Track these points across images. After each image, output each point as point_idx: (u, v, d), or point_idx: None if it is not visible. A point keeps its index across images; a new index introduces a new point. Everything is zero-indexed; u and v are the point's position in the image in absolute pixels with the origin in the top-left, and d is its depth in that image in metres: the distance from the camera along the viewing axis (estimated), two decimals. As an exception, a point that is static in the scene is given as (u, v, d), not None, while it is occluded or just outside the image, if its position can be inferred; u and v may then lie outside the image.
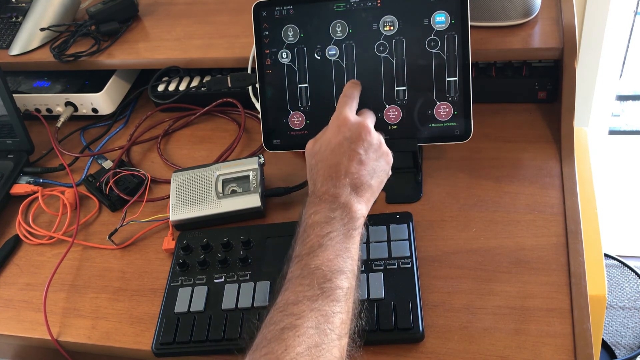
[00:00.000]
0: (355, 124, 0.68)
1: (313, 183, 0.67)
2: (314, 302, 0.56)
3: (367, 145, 0.67)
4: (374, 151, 0.68)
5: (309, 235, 0.62)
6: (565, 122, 0.82)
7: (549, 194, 0.78)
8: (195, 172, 0.87)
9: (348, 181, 0.65)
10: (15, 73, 1.13)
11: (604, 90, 1.51)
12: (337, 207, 0.63)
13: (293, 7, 0.79)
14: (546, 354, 0.63)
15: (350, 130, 0.67)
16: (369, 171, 0.66)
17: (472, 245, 0.75)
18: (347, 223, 0.62)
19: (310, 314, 0.55)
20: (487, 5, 0.85)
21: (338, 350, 0.55)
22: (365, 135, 0.67)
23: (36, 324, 0.78)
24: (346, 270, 0.59)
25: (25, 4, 1.20)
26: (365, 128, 0.68)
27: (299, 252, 0.61)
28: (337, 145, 0.67)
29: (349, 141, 0.67)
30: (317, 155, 0.69)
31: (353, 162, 0.66)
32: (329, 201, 0.64)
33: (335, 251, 0.60)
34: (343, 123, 0.68)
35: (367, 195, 0.66)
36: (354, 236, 0.62)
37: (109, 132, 1.07)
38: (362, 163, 0.66)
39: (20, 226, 0.91)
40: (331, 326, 0.55)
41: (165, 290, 0.76)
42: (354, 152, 0.66)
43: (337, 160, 0.66)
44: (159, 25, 1.11)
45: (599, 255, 0.92)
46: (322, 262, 0.59)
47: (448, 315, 0.68)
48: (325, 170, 0.66)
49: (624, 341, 1.59)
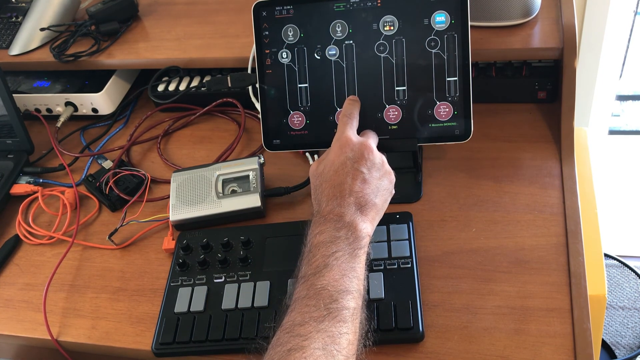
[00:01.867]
0: (358, 143, 0.69)
1: (318, 203, 0.68)
2: (320, 323, 0.55)
3: (370, 165, 0.68)
4: (377, 170, 0.68)
5: (315, 255, 0.61)
6: (565, 122, 0.82)
7: (549, 193, 0.78)
8: (195, 172, 0.87)
9: (353, 200, 0.65)
10: (15, 73, 1.13)
11: (604, 90, 1.51)
12: (342, 226, 0.63)
13: (293, 7, 0.79)
14: (546, 354, 0.63)
15: (352, 150, 0.68)
16: (372, 190, 0.67)
17: (472, 245, 0.75)
18: (352, 242, 0.62)
19: (317, 335, 0.54)
20: (487, 5, 0.85)
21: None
22: (367, 155, 0.68)
23: (36, 324, 0.78)
24: (352, 290, 0.59)
25: (25, 4, 1.20)
26: (368, 147, 0.69)
27: (304, 273, 0.61)
28: (340, 165, 0.67)
29: (352, 161, 0.67)
30: (321, 176, 0.69)
31: (357, 181, 0.66)
32: (334, 220, 0.64)
33: (341, 271, 0.60)
34: (345, 143, 0.69)
35: (371, 214, 0.66)
36: (359, 255, 0.62)
37: (109, 132, 1.07)
38: (366, 182, 0.66)
39: (20, 226, 0.91)
40: (338, 347, 0.55)
41: (165, 290, 0.76)
42: (358, 172, 0.67)
43: (341, 179, 0.66)
44: (159, 25, 1.11)
45: (599, 255, 0.92)
46: (328, 282, 0.59)
47: (448, 315, 0.68)
48: (329, 190, 0.67)
49: (624, 341, 1.59)
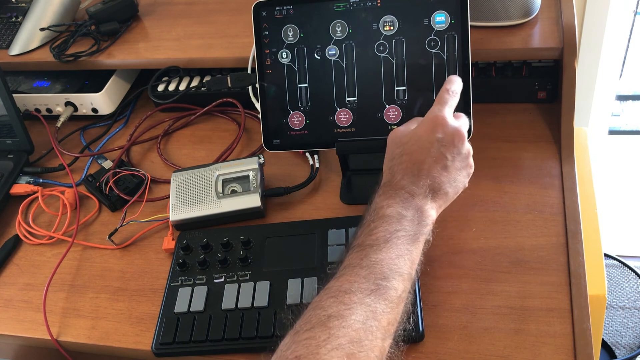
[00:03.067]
0: (452, 128, 0.66)
1: (392, 173, 0.66)
2: (366, 296, 0.55)
3: (457, 153, 0.66)
4: (460, 160, 0.66)
5: (377, 227, 0.60)
6: (565, 122, 0.82)
7: (549, 193, 0.78)
8: (195, 172, 0.87)
9: (428, 182, 0.64)
10: (15, 73, 1.13)
11: (604, 90, 1.51)
12: (410, 206, 0.62)
13: (293, 7, 0.79)
14: (546, 354, 0.63)
15: (444, 133, 0.65)
16: (450, 179, 0.65)
17: (472, 245, 0.75)
18: (416, 225, 0.61)
19: (360, 307, 0.54)
20: (487, 5, 0.85)
21: (379, 350, 0.53)
22: (457, 143, 0.66)
23: (36, 324, 0.78)
24: (404, 272, 0.58)
25: (25, 4, 1.20)
26: (460, 136, 0.66)
27: (362, 241, 0.60)
28: (427, 143, 0.65)
29: (440, 143, 0.65)
30: (404, 146, 0.66)
31: (438, 166, 0.64)
32: (404, 197, 0.62)
33: (399, 251, 0.59)
34: (440, 123, 0.66)
35: (441, 202, 0.65)
36: (420, 240, 0.61)
37: (109, 132, 1.07)
38: (447, 169, 0.65)
39: (20, 226, 0.91)
40: (378, 324, 0.54)
41: (165, 290, 0.76)
42: (442, 156, 0.65)
43: (423, 158, 0.64)
44: (159, 25, 1.11)
45: (599, 255, 0.92)
46: (383, 258, 0.58)
47: (448, 315, 0.68)
48: (408, 164, 0.65)
49: (624, 341, 1.59)
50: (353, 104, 0.81)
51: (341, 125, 0.81)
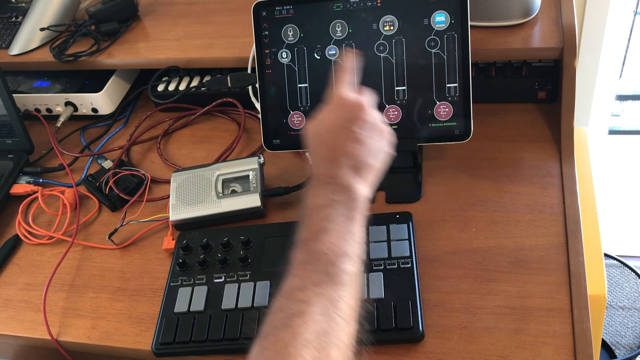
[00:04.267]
0: (351, 102, 0.65)
1: (315, 167, 0.65)
2: (320, 288, 0.55)
3: (365, 124, 0.64)
4: (372, 130, 0.65)
5: (312, 219, 0.61)
6: (565, 122, 0.82)
7: (549, 193, 0.78)
8: (195, 172, 0.87)
9: (348, 162, 0.63)
10: (15, 73, 1.13)
11: (603, 90, 1.50)
12: (338, 189, 0.62)
13: (293, 7, 0.79)
14: (546, 354, 0.63)
15: (347, 110, 0.65)
16: (368, 151, 0.64)
17: (472, 245, 0.75)
18: (349, 205, 0.61)
19: (317, 300, 0.54)
20: (487, 5, 0.85)
21: (346, 335, 0.54)
22: (362, 114, 0.65)
23: (36, 324, 0.78)
24: (350, 253, 0.58)
25: (25, 4, 1.20)
26: (362, 106, 0.65)
27: (303, 237, 0.60)
28: (334, 126, 0.65)
29: (346, 120, 0.64)
30: (318, 136, 0.66)
31: (350, 142, 0.63)
32: (330, 183, 0.62)
33: (339, 234, 0.59)
34: (339, 102, 0.66)
35: (368, 175, 0.65)
36: (357, 218, 0.61)
37: (109, 132, 1.07)
38: (360, 142, 0.64)
39: (20, 226, 0.91)
40: (339, 312, 0.54)
41: (165, 290, 0.76)
42: (351, 132, 0.64)
43: (335, 140, 0.64)
44: (159, 25, 1.11)
45: (599, 255, 0.92)
46: (326, 246, 0.58)
47: (448, 315, 0.68)
48: (324, 153, 0.64)
49: (624, 341, 1.59)
50: (353, 104, 0.80)
51: (341, 125, 0.81)
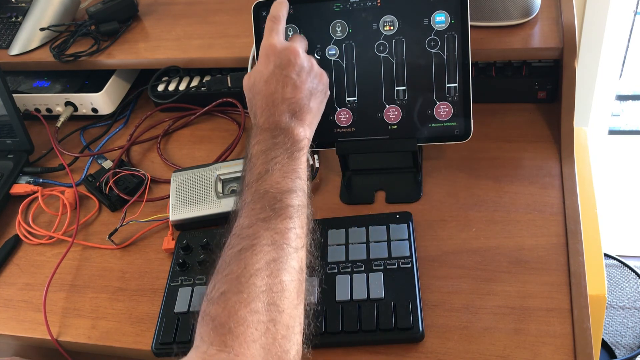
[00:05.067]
0: (283, 49, 0.68)
1: (254, 116, 0.68)
2: (267, 223, 0.58)
3: (299, 69, 0.67)
4: (306, 74, 0.68)
5: (255, 164, 0.63)
6: (565, 122, 0.82)
7: (549, 193, 0.78)
8: (195, 172, 0.87)
9: (286, 107, 0.66)
10: (15, 73, 1.13)
11: (603, 90, 1.51)
12: (278, 133, 0.65)
13: (293, 7, 0.79)
14: (546, 354, 0.63)
15: (279, 57, 0.68)
16: (305, 94, 0.67)
17: (472, 245, 0.75)
18: (290, 146, 0.64)
19: (265, 233, 0.57)
20: (487, 5, 0.85)
21: (296, 261, 0.57)
22: (295, 59, 0.67)
23: (36, 324, 0.78)
24: (295, 189, 0.61)
25: (25, 4, 1.20)
26: (294, 52, 0.68)
27: (247, 181, 0.63)
28: (269, 75, 0.67)
29: (280, 68, 0.67)
30: (253, 88, 0.69)
31: (287, 88, 0.66)
32: (270, 129, 0.65)
33: (282, 174, 0.62)
34: (271, 51, 0.68)
35: (307, 117, 0.68)
36: (299, 157, 0.64)
37: (109, 132, 1.07)
38: (297, 87, 0.67)
39: (20, 226, 0.91)
40: (287, 241, 0.57)
41: (165, 290, 0.76)
42: (287, 78, 0.67)
43: (272, 89, 0.67)
44: (159, 25, 1.11)
45: (599, 255, 0.92)
46: (270, 185, 0.61)
47: (448, 315, 0.68)
48: (262, 101, 0.67)
49: (624, 341, 1.60)
50: (353, 103, 0.81)
51: (341, 125, 0.82)
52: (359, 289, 0.70)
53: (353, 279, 0.71)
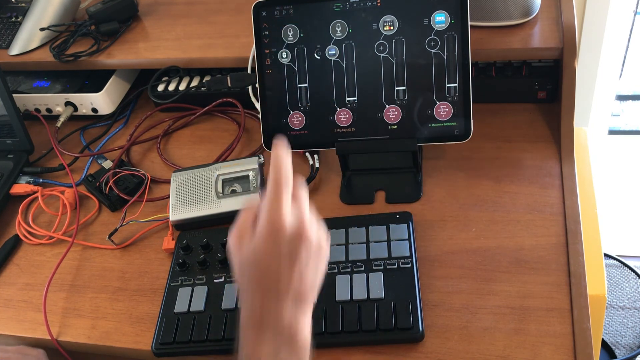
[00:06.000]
0: (293, 231, 0.55)
1: (251, 308, 0.56)
2: None
3: (307, 253, 0.56)
4: (315, 257, 0.57)
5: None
6: (565, 122, 0.82)
7: (549, 193, 0.78)
8: (195, 172, 0.87)
9: (291, 296, 0.55)
10: (15, 73, 1.13)
11: (603, 90, 1.51)
12: (283, 341, 0.55)
13: (293, 7, 0.79)
14: (546, 354, 0.63)
15: (287, 240, 0.55)
16: (310, 278, 0.57)
17: (472, 245, 0.75)
18: (293, 356, 0.55)
19: None
20: (487, 5, 0.85)
21: None
22: (305, 244, 0.55)
23: (36, 324, 0.78)
24: None
25: (25, 4, 1.20)
26: (304, 234, 0.55)
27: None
28: (273, 260, 0.55)
29: (288, 256, 0.55)
30: (249, 272, 0.56)
31: (294, 276, 0.55)
32: (273, 330, 0.55)
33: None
34: (278, 230, 0.54)
35: (310, 297, 0.58)
36: None
37: (109, 132, 1.07)
38: (303, 274, 0.56)
39: (20, 226, 0.91)
40: None
41: (165, 290, 0.76)
42: (293, 264, 0.55)
43: (276, 278, 0.55)
44: (159, 25, 1.11)
45: (599, 255, 0.92)
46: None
47: (448, 315, 0.68)
48: (263, 293, 0.55)
49: (623, 341, 1.60)
50: (353, 103, 0.81)
51: (341, 125, 0.82)
52: (359, 289, 0.70)
53: (353, 279, 0.71)
